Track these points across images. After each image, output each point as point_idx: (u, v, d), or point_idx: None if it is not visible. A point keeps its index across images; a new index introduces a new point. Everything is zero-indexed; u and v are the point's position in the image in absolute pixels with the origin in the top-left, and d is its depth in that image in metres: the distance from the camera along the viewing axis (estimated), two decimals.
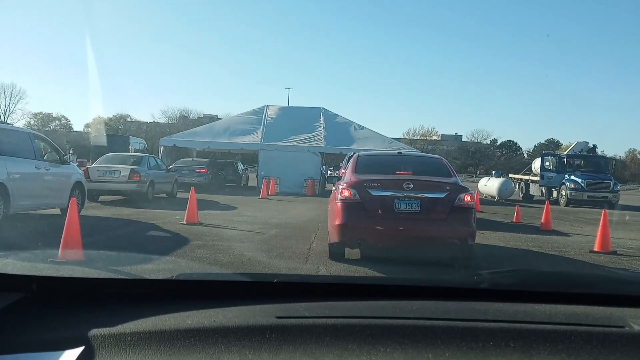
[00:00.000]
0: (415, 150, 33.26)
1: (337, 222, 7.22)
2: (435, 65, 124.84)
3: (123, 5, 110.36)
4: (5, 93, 71.90)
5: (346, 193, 7.31)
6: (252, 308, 1.32)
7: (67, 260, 5.32)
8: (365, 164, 8.29)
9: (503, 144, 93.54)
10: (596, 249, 9.59)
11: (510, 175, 33.43)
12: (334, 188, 8.81)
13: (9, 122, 51.65)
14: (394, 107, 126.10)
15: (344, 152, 22.67)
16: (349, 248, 7.67)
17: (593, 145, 28.99)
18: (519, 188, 30.05)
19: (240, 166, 32.11)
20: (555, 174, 26.20)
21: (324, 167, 29.38)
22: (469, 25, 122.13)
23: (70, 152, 32.17)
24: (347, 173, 8.18)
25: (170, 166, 21.76)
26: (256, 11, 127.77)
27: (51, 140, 12.65)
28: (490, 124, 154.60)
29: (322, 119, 29.62)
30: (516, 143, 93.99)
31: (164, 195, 18.76)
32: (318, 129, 28.53)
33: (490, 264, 7.94)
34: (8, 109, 72.31)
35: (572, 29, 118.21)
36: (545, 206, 13.99)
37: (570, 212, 20.87)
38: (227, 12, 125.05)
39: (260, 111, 30.61)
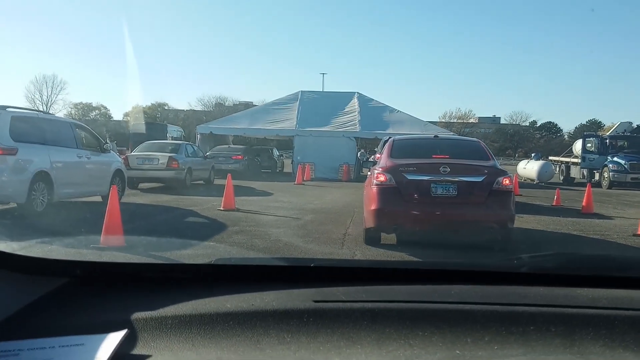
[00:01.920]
0: (452, 133, 32.85)
1: (373, 207, 7.20)
2: (471, 47, 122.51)
3: None
4: (47, 84, 73.72)
5: (382, 178, 7.27)
6: (290, 292, 1.33)
7: (109, 246, 5.46)
8: (401, 148, 8.23)
9: (542, 126, 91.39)
10: None
11: (550, 158, 32.69)
12: (369, 173, 8.78)
13: (51, 112, 53.19)
14: (429, 90, 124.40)
15: (379, 137, 22.57)
16: (384, 233, 7.65)
17: (637, 125, 28.09)
18: (559, 171, 29.39)
19: (276, 152, 32.30)
20: (597, 156, 25.49)
21: (361, 151, 29.25)
22: (505, 4, 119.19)
23: (109, 140, 32.87)
24: (382, 157, 8.13)
25: (207, 153, 22.01)
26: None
27: (91, 129, 12.96)
28: (530, 105, 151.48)
29: (356, 103, 29.47)
30: (556, 124, 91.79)
31: (202, 182, 19.02)
32: (353, 114, 28.41)
33: (529, 248, 7.81)
34: (50, 100, 74.15)
35: (618, 3, 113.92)
36: (587, 189, 13.65)
37: (613, 194, 20.32)
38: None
39: (294, 97, 30.65)
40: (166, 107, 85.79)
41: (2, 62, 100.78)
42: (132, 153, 18.05)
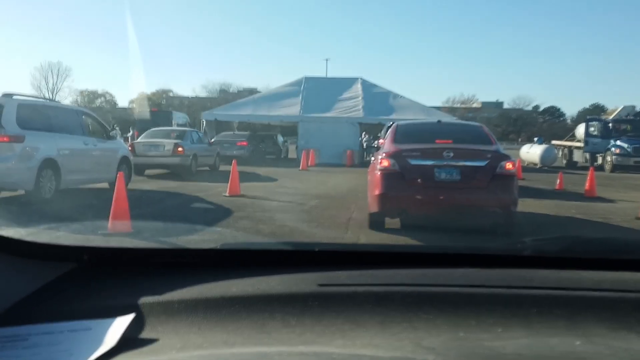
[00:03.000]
0: (455, 118, 32.67)
1: (377, 192, 7.21)
2: (474, 31, 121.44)
3: None
4: (53, 71, 73.53)
5: (385, 163, 7.28)
6: (295, 276, 1.34)
7: (116, 232, 5.46)
8: (404, 133, 8.21)
9: (546, 110, 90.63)
10: None
11: (553, 142, 32.47)
12: (373, 158, 8.77)
13: (57, 99, 53.14)
14: (432, 75, 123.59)
15: (383, 122, 22.46)
16: (389, 218, 7.67)
17: None
18: (562, 155, 29.25)
19: (280, 138, 32.22)
20: (600, 140, 25.31)
21: (365, 136, 29.13)
22: None
23: (116, 127, 32.84)
24: (386, 143, 8.13)
25: (212, 139, 21.97)
26: None
27: (97, 117, 12.97)
28: (533, 89, 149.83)
29: (360, 89, 29.35)
30: (559, 109, 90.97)
31: (207, 168, 19.05)
32: (356, 99, 28.31)
33: (533, 232, 7.82)
34: (56, 87, 73.97)
35: None
36: (590, 172, 13.60)
37: (616, 178, 20.23)
38: None
39: (298, 83, 30.53)
40: (171, 94, 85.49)
41: (8, 50, 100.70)
42: (138, 140, 18.06)
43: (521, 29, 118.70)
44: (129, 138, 28.95)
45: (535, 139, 30.30)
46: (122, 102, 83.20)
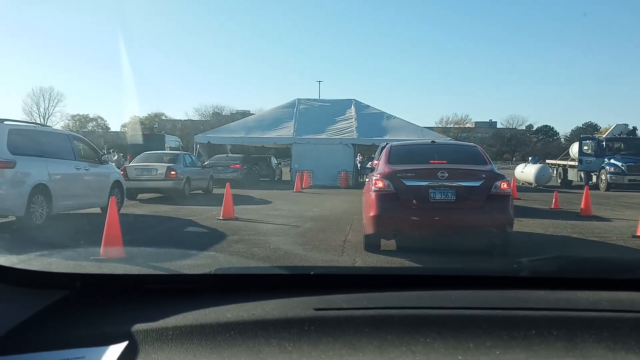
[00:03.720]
0: (449, 138, 32.86)
1: (372, 214, 7.20)
2: (466, 51, 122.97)
3: (154, 3, 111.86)
4: (44, 96, 73.94)
5: (380, 184, 7.28)
6: (290, 301, 1.33)
7: (108, 258, 5.45)
8: (399, 154, 8.24)
9: (539, 130, 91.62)
10: (639, 234, 9.33)
11: (547, 161, 32.73)
12: (367, 179, 8.78)
13: (48, 124, 53.17)
14: (425, 95, 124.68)
15: (377, 143, 22.56)
16: (384, 239, 7.65)
17: (633, 127, 28.20)
18: (556, 174, 29.40)
19: (274, 160, 32.29)
20: (594, 158, 25.53)
21: (359, 157, 29.20)
22: (499, 7, 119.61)
23: (112, 151, 32.87)
24: (380, 164, 8.14)
25: (205, 162, 21.99)
26: (285, 5, 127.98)
27: (89, 141, 12.95)
28: (526, 109, 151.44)
29: (353, 110, 29.51)
30: (553, 128, 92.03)
31: (200, 191, 19.01)
32: (350, 121, 28.44)
33: (529, 252, 7.82)
34: (47, 112, 74.30)
35: (609, 7, 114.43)
36: (585, 191, 13.65)
37: (611, 196, 20.34)
38: (257, 6, 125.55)
39: (291, 105, 30.69)
40: (163, 118, 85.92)
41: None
42: (131, 164, 18.03)
43: (512, 49, 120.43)
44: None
45: (530, 158, 30.50)
46: (115, 126, 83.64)
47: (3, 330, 1.22)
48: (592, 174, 25.48)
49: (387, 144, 9.46)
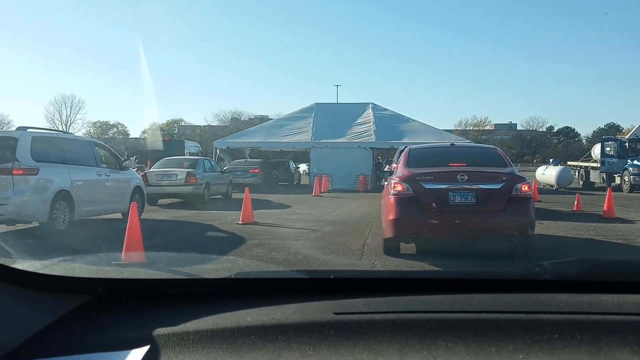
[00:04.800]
0: (469, 141, 32.62)
1: (391, 217, 7.17)
2: (485, 54, 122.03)
3: (172, 11, 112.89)
4: (66, 104, 74.97)
5: (399, 187, 7.24)
6: (310, 305, 1.33)
7: (130, 263, 5.49)
8: (417, 157, 8.19)
9: (560, 131, 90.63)
10: None
11: (568, 163, 32.31)
12: (386, 183, 8.75)
13: (70, 131, 53.95)
14: (444, 98, 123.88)
15: (395, 147, 22.50)
16: (404, 243, 7.61)
17: None
18: (578, 175, 29.05)
19: (292, 165, 32.35)
20: (617, 160, 25.13)
21: (379, 160, 29.12)
22: (517, 10, 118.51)
23: (133, 158, 33.23)
24: (399, 167, 8.11)
25: (224, 167, 22.14)
26: (303, 9, 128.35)
27: (110, 147, 13.10)
28: (546, 110, 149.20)
29: (371, 114, 29.46)
30: (574, 129, 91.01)
31: (220, 196, 19.11)
32: (368, 124, 28.40)
33: (551, 255, 7.71)
34: (69, 119, 75.31)
35: (632, 5, 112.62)
36: (608, 193, 13.44)
37: (635, 198, 20.01)
38: (275, 11, 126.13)
39: (310, 109, 30.73)
40: (183, 124, 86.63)
41: (23, 85, 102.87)
42: (151, 169, 18.22)
43: (532, 51, 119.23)
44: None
45: (551, 160, 30.13)
46: (135, 132, 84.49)
47: (27, 334, 1.24)
48: (615, 175, 25.09)
49: (405, 147, 9.42)
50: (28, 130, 9.88)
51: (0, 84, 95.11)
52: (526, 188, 7.21)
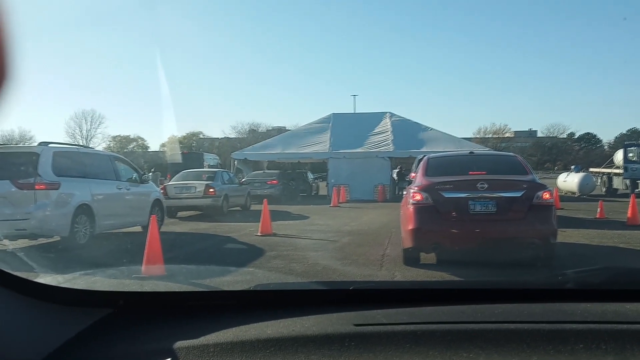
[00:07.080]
0: (488, 149, 32.41)
1: (410, 227, 7.12)
2: (505, 61, 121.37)
3: (190, 24, 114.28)
4: (87, 119, 75.97)
5: (418, 197, 7.20)
6: (330, 316, 1.32)
7: (150, 276, 5.53)
8: (436, 166, 8.14)
9: (581, 137, 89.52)
10: None
11: (590, 169, 31.90)
12: (404, 192, 8.71)
13: (90, 145, 54.76)
14: (462, 106, 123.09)
15: (413, 156, 22.41)
16: (424, 253, 7.55)
17: None
18: (601, 182, 28.66)
19: (310, 175, 32.38)
20: None
21: (398, 169, 29.07)
22: (538, 14, 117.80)
23: (152, 171, 33.60)
24: (417, 176, 8.07)
25: (242, 179, 22.24)
26: (319, 21, 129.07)
27: (130, 161, 13.25)
28: (566, 117, 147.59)
29: (389, 123, 29.42)
30: (595, 135, 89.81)
31: (238, 208, 19.18)
32: (386, 134, 28.36)
33: (574, 263, 7.59)
34: (89, 134, 76.33)
35: None
36: (631, 200, 13.22)
37: None
38: (292, 24, 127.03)
39: (327, 120, 30.79)
40: (201, 136, 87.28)
41: (45, 100, 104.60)
42: (170, 182, 18.37)
43: (551, 57, 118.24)
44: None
45: (572, 167, 29.77)
46: (154, 145, 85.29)
47: (51, 348, 1.24)
48: (638, 181, 24.69)
49: (424, 156, 9.38)
50: (49, 145, 10.04)
51: (23, 100, 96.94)
52: (547, 195, 7.12)
